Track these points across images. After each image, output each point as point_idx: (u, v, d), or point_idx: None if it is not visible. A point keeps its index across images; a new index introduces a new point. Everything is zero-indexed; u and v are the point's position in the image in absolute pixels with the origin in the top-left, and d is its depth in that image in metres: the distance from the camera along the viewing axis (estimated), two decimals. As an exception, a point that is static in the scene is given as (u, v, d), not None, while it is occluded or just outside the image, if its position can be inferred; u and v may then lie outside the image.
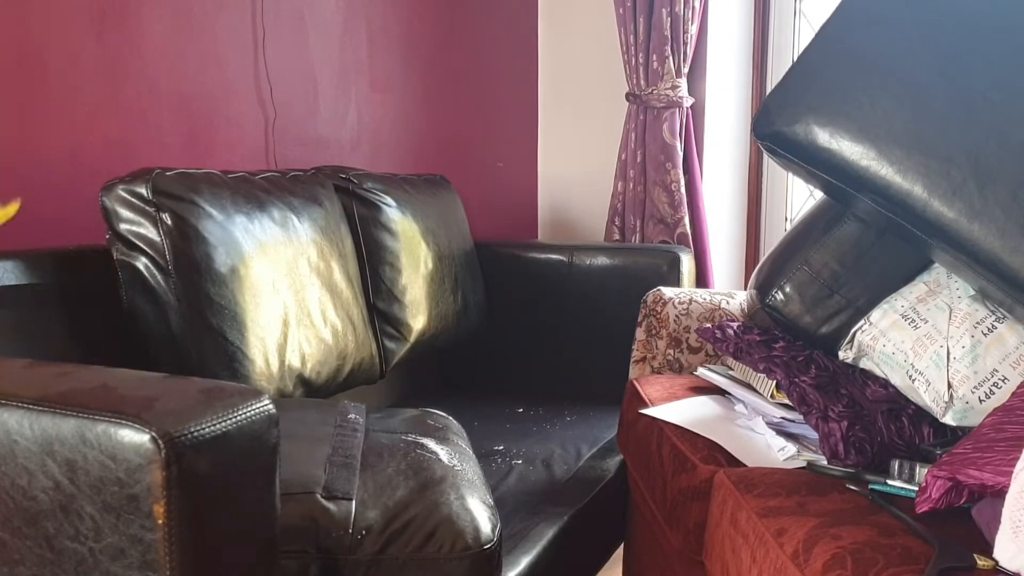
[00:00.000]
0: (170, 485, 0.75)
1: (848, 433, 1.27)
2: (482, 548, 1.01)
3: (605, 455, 1.75)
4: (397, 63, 2.49)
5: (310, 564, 0.98)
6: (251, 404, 0.84)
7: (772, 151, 1.34)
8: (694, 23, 2.53)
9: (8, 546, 0.83)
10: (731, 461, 1.30)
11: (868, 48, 1.27)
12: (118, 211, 1.40)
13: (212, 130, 1.95)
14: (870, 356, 1.43)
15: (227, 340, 1.43)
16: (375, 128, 2.43)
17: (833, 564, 0.91)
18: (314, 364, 1.59)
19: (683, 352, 1.92)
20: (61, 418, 0.79)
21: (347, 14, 2.30)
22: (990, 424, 1.07)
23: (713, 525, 1.22)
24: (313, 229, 1.67)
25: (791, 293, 1.54)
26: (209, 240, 1.43)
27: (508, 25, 2.91)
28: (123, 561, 0.77)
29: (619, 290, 2.19)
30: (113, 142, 1.74)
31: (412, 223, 1.99)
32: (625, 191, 2.67)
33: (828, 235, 1.53)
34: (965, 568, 0.89)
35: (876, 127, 1.23)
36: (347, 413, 1.31)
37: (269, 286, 1.51)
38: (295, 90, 2.16)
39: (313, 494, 1.02)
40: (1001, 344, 1.27)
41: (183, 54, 1.87)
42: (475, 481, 1.14)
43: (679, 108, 2.57)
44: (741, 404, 1.50)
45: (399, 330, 1.93)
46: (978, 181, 1.17)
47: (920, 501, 1.03)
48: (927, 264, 1.45)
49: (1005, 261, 1.15)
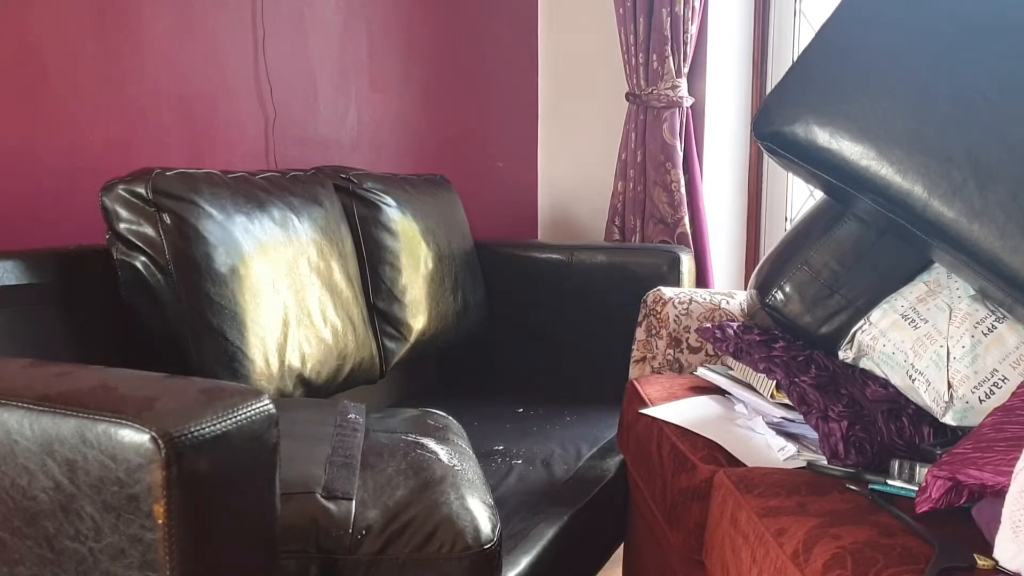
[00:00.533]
0: (170, 485, 0.75)
1: (848, 433, 1.27)
2: (482, 548, 1.01)
3: (605, 455, 1.75)
4: (397, 63, 2.49)
5: (310, 564, 0.98)
6: (251, 404, 0.84)
7: (772, 151, 1.34)
8: (694, 23, 2.53)
9: (8, 546, 0.83)
10: (731, 461, 1.30)
11: (868, 48, 1.27)
12: (118, 211, 1.40)
13: (212, 130, 1.95)
14: (870, 356, 1.43)
15: (227, 340, 1.43)
16: (375, 128, 2.43)
17: (833, 564, 0.91)
18: (314, 364, 1.59)
19: (683, 352, 1.92)
20: (61, 418, 0.79)
21: (347, 14, 2.30)
22: (990, 424, 1.07)
23: (713, 525, 1.22)
24: (313, 229, 1.67)
25: (791, 293, 1.54)
26: (209, 240, 1.43)
27: (508, 25, 2.90)
28: (123, 561, 0.77)
29: (619, 290, 2.19)
30: (113, 142, 1.74)
31: (412, 223, 1.99)
32: (625, 191, 2.67)
33: (828, 235, 1.53)
34: (965, 568, 0.89)
35: (876, 127, 1.23)
36: (347, 413, 1.31)
37: (269, 286, 1.51)
38: (295, 90, 2.16)
39: (313, 494, 1.02)
40: (1001, 344, 1.27)
41: (183, 54, 1.87)
42: (475, 481, 1.14)
43: (679, 108, 2.57)
44: (741, 404, 1.50)
45: (399, 330, 1.93)
46: (978, 181, 1.17)
47: (920, 501, 1.03)
48: (927, 264, 1.45)
49: (1005, 261, 1.15)
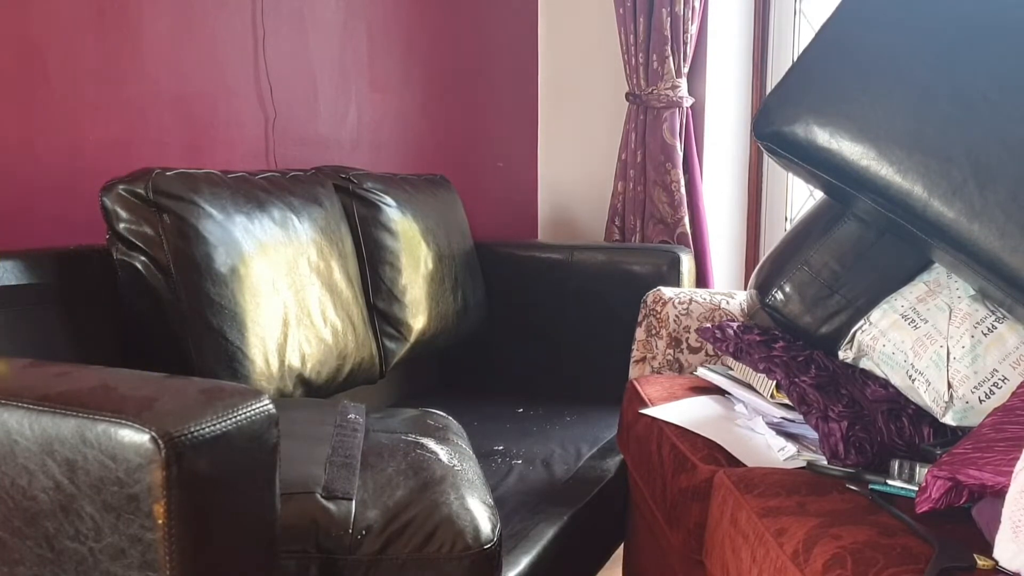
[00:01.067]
0: (170, 485, 0.75)
1: (848, 433, 1.27)
2: (482, 548, 1.01)
3: (605, 455, 1.75)
4: (397, 63, 2.49)
5: (310, 564, 0.98)
6: (251, 404, 0.84)
7: (772, 151, 1.34)
8: (694, 23, 2.53)
9: (8, 546, 0.83)
10: (731, 461, 1.30)
11: (868, 48, 1.27)
12: (118, 211, 1.40)
13: (212, 130, 1.95)
14: (870, 356, 1.43)
15: (227, 340, 1.43)
16: (375, 128, 2.43)
17: (833, 564, 0.91)
18: (314, 364, 1.59)
19: (683, 352, 1.92)
20: (61, 418, 0.79)
21: (347, 14, 2.30)
22: (990, 424, 1.07)
23: (713, 525, 1.22)
24: (313, 229, 1.67)
25: (791, 293, 1.54)
26: (209, 240, 1.43)
27: (508, 25, 2.90)
28: (123, 561, 0.77)
29: (619, 290, 2.19)
30: (113, 142, 1.74)
31: (412, 223, 1.99)
32: (625, 191, 2.67)
33: (828, 235, 1.53)
34: (965, 568, 0.89)
35: (876, 127, 1.23)
36: (347, 413, 1.31)
37: (269, 286, 1.51)
38: (295, 90, 2.16)
39: (313, 494, 1.02)
40: (1001, 344, 1.27)
41: (183, 54, 1.87)
42: (475, 481, 1.14)
43: (679, 108, 2.57)
44: (741, 404, 1.50)
45: (399, 330, 1.93)
46: (978, 181, 1.16)
47: (920, 501, 1.03)
48: (927, 264, 1.45)
49: (1005, 261, 1.15)
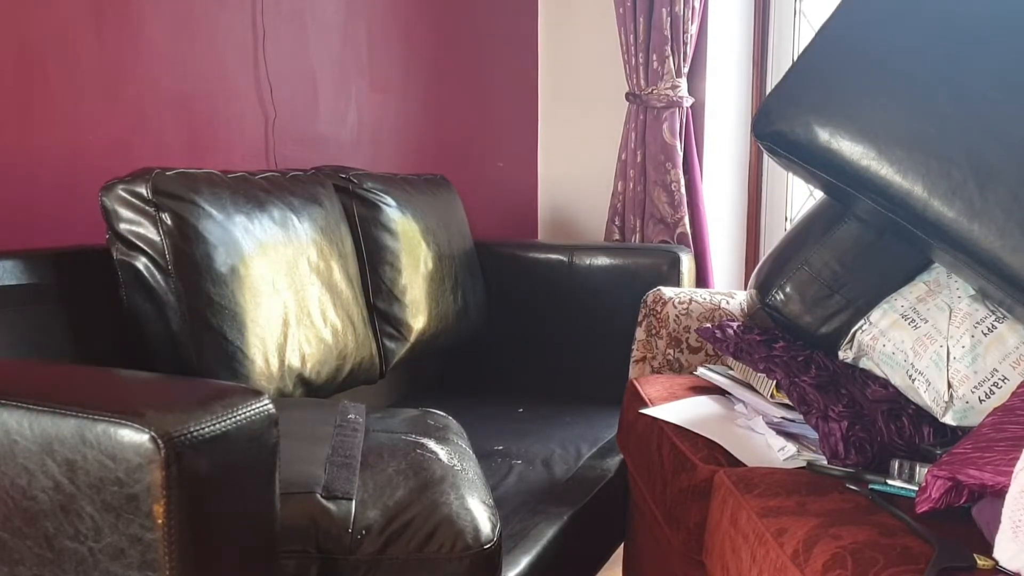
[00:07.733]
0: (170, 485, 0.75)
1: (848, 433, 1.27)
2: (482, 548, 1.01)
3: (605, 455, 1.75)
4: (397, 63, 2.49)
5: (310, 564, 0.98)
6: (251, 404, 0.84)
7: (772, 151, 1.34)
8: (694, 23, 2.53)
9: (8, 546, 0.83)
10: (731, 461, 1.30)
11: (868, 48, 1.27)
12: (118, 211, 1.40)
13: (212, 130, 1.95)
14: (870, 356, 1.43)
15: (227, 340, 1.43)
16: (375, 128, 2.43)
17: (833, 564, 0.91)
18: (314, 364, 1.59)
19: (683, 352, 1.92)
20: (61, 418, 0.79)
21: (347, 14, 2.30)
22: (990, 424, 1.07)
23: (713, 525, 1.22)
24: (313, 229, 1.67)
25: (791, 293, 1.54)
26: (209, 240, 1.43)
27: (508, 25, 2.91)
28: (123, 561, 0.77)
29: (619, 290, 2.19)
30: (113, 142, 1.74)
31: (412, 223, 1.99)
32: (625, 191, 2.67)
33: (828, 235, 1.53)
34: (965, 568, 0.89)
35: (876, 127, 1.23)
36: (347, 413, 1.31)
37: (269, 286, 1.51)
38: (295, 90, 2.16)
39: (313, 494, 1.02)
40: (1001, 344, 1.27)
41: (183, 54, 1.87)
42: (475, 481, 1.14)
43: (679, 108, 2.57)
44: (741, 404, 1.50)
45: (399, 330, 1.93)
46: (978, 181, 1.17)
47: (920, 501, 1.03)
48: (927, 264, 1.45)
49: (1005, 261, 1.15)
